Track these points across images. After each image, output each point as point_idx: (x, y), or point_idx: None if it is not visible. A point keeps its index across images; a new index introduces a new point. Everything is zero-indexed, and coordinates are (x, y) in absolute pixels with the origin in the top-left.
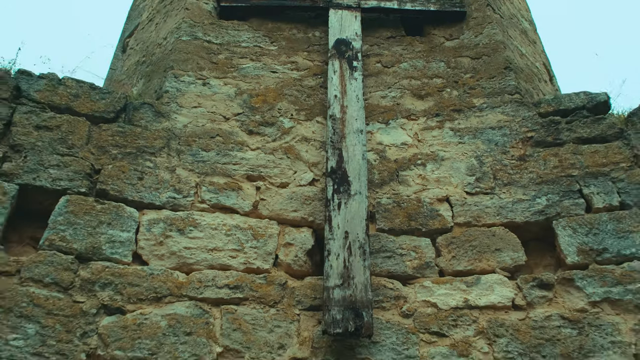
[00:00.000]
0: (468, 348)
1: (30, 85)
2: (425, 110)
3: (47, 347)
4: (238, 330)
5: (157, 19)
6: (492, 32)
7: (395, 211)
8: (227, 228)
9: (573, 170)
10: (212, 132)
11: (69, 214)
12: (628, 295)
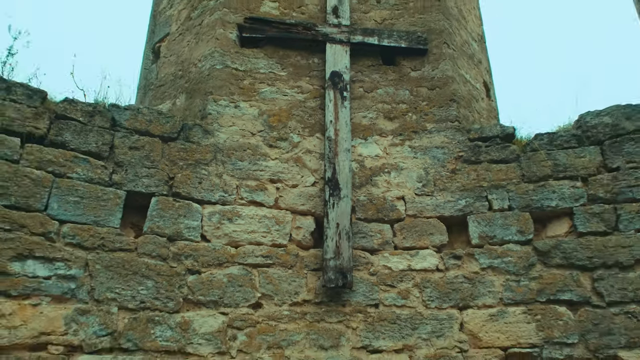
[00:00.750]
0: (408, 294)
1: (120, 116)
2: (393, 130)
3: (160, 294)
4: (270, 283)
5: (188, 37)
6: (444, 68)
7: (369, 206)
8: (258, 217)
9: (484, 182)
10: (244, 145)
11: (159, 209)
12: (502, 264)
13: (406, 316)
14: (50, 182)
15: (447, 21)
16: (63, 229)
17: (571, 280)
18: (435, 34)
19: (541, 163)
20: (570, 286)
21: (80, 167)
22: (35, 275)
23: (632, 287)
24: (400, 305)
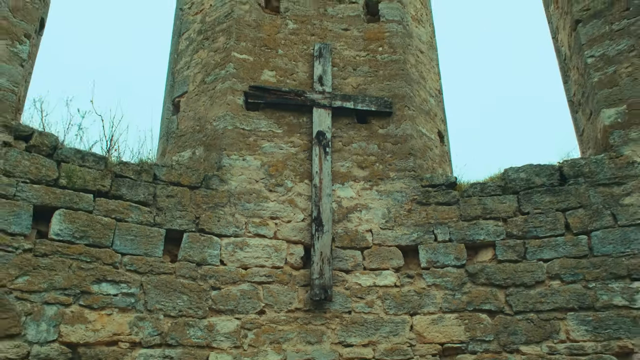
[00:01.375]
0: (373, 304)
1: (159, 172)
2: (364, 177)
3: (192, 305)
4: (271, 296)
5: (204, 98)
6: (405, 127)
7: (344, 237)
8: (262, 246)
9: (432, 220)
10: (250, 190)
11: (189, 242)
12: (442, 282)
13: (371, 320)
14: (114, 226)
15: (409, 86)
16: (124, 260)
17: (491, 295)
18: (398, 98)
19: (474, 206)
20: (490, 299)
21: (134, 213)
22: (108, 293)
23: (532, 300)
24: (367, 312)
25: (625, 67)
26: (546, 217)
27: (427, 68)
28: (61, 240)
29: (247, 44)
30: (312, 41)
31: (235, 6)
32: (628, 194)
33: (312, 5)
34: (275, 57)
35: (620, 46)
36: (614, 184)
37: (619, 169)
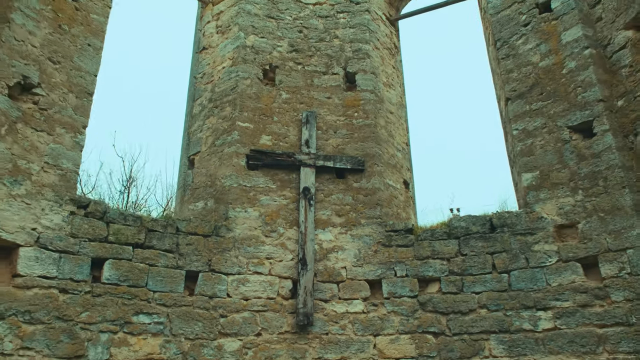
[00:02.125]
0: (345, 327)
1: (181, 225)
2: (340, 223)
3: (206, 330)
4: (266, 321)
5: (214, 159)
6: (374, 182)
7: (324, 273)
8: (259, 281)
9: (392, 259)
10: (250, 237)
11: (204, 280)
12: (399, 310)
13: (344, 340)
14: (147, 270)
15: (378, 146)
16: (155, 296)
17: (435, 320)
18: (369, 157)
19: (425, 248)
20: (435, 324)
21: (162, 259)
22: (143, 322)
23: (465, 325)
24: (341, 334)
25: (539, 140)
26: (479, 258)
27: (396, 126)
28: (110, 283)
29: (249, 114)
30: (301, 109)
31: (239, 81)
32: (537, 242)
33: (302, 77)
34: (271, 123)
35: (536, 123)
36: (528, 234)
37: (531, 222)
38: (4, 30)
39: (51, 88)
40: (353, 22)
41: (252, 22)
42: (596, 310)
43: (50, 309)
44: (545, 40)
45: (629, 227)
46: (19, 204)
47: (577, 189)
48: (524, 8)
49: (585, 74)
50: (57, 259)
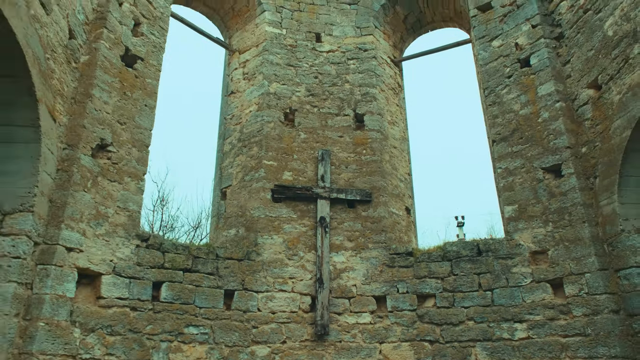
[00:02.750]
0: (355, 336)
1: (219, 251)
2: (351, 247)
3: (241, 338)
4: (289, 331)
5: (244, 192)
6: (379, 211)
7: (338, 290)
8: (284, 298)
9: (395, 278)
10: (276, 260)
11: (239, 297)
12: (401, 321)
13: (354, 346)
14: (195, 290)
15: (383, 179)
16: (200, 311)
17: (431, 330)
18: (375, 189)
19: (423, 269)
20: (430, 333)
21: (205, 281)
22: (193, 333)
23: (456, 334)
24: (352, 341)
25: (518, 178)
26: (467, 278)
27: (399, 159)
28: (166, 301)
29: (273, 153)
30: (317, 147)
31: (264, 124)
32: (515, 265)
33: (317, 119)
34: (291, 160)
35: (516, 163)
36: (508, 258)
37: (511, 248)
38: (87, 104)
39: (120, 145)
40: (362, 68)
41: (275, 71)
42: (561, 323)
43: (124, 323)
44: (524, 92)
45: (587, 255)
46: (100, 242)
47: (548, 221)
48: (508, 62)
49: (556, 124)
50: (128, 283)
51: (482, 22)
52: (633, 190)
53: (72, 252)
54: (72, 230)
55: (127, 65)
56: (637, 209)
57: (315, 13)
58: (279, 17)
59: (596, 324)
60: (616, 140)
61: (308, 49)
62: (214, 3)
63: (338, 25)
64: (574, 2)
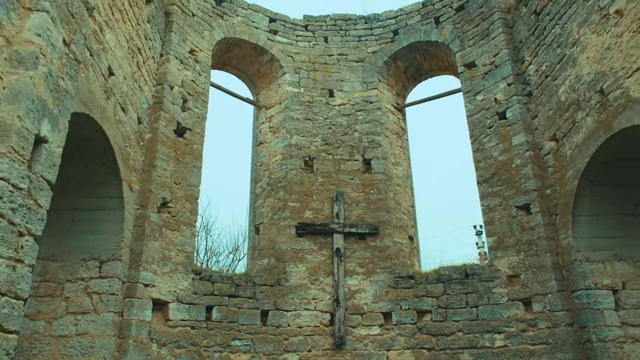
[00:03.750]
0: (367, 345)
1: (255, 280)
2: (362, 272)
3: (275, 349)
4: (314, 342)
5: (273, 229)
6: (385, 241)
7: (352, 307)
8: (308, 315)
9: (399, 298)
10: (300, 285)
11: (272, 315)
12: (404, 333)
13: (366, 353)
14: (237, 311)
15: (388, 214)
16: (243, 327)
17: (428, 340)
18: (382, 223)
19: (421, 289)
20: (428, 342)
21: (246, 304)
22: (238, 345)
23: (448, 343)
24: (364, 349)
25: (497, 215)
26: (457, 297)
27: (402, 195)
28: (217, 321)
29: (295, 195)
30: (332, 189)
31: (288, 172)
32: (495, 286)
33: (332, 164)
34: (311, 201)
35: (495, 202)
36: (489, 281)
37: (492, 273)
38: (152, 173)
39: (176, 201)
40: (368, 118)
41: (295, 125)
42: (530, 334)
43: (187, 339)
44: (502, 141)
45: (549, 279)
46: (166, 278)
47: (520, 251)
48: (488, 114)
49: (526, 170)
50: (187, 308)
51: (467, 78)
52: (583, 227)
53: (147, 287)
54: (147, 270)
55: (178, 136)
56: (587, 242)
57: (328, 72)
58: (297, 77)
59: (555, 335)
60: (569, 187)
61: (322, 104)
62: (243, 67)
63: (347, 81)
64: (538, 67)
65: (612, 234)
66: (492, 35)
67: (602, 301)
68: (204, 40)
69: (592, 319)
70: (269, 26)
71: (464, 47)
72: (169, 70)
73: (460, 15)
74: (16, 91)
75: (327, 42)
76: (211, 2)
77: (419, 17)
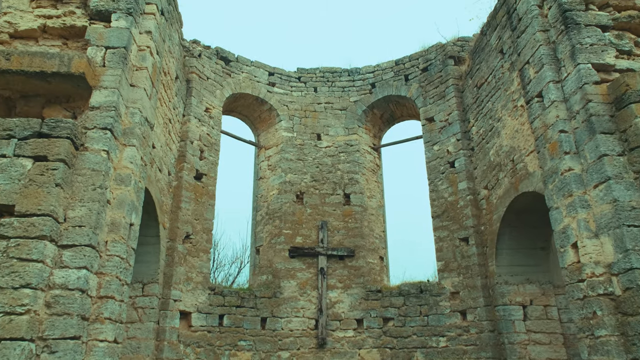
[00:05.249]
0: (343, 344)
1: (257, 293)
2: (341, 287)
3: (272, 347)
4: (302, 342)
5: (270, 251)
6: (360, 262)
7: (332, 315)
8: (298, 321)
9: (369, 307)
10: (292, 297)
11: (269, 321)
12: (372, 335)
13: (343, 351)
14: (242, 318)
15: (363, 240)
16: (247, 331)
17: (391, 341)
18: (357, 247)
19: (387, 301)
20: (390, 343)
21: (249, 312)
22: (242, 345)
23: (405, 344)
24: (341, 348)
25: (445, 244)
26: (414, 307)
27: (375, 223)
28: (227, 326)
29: (289, 224)
30: (318, 219)
31: (283, 204)
32: (441, 300)
33: (318, 198)
34: (301, 229)
35: (444, 234)
36: (437, 296)
37: (439, 289)
38: (178, 213)
39: (196, 233)
40: (349, 159)
41: (289, 165)
42: (464, 337)
43: (205, 340)
44: (451, 185)
45: (479, 296)
46: (190, 294)
47: (460, 274)
48: (442, 162)
49: (467, 210)
50: (205, 317)
51: (428, 130)
52: (504, 258)
53: (176, 302)
54: (176, 289)
55: (197, 180)
56: (506, 269)
57: (316, 118)
58: (291, 123)
59: (481, 339)
60: (494, 227)
61: (312, 146)
62: (247, 113)
63: (333, 127)
64: (478, 129)
65: (525, 263)
66: (447, 97)
67: (514, 314)
68: (216, 98)
69: (506, 327)
70: (268, 79)
71: (426, 104)
72: (190, 128)
73: (424, 76)
74: (120, 200)
75: (317, 91)
76: (221, 63)
77: (392, 74)
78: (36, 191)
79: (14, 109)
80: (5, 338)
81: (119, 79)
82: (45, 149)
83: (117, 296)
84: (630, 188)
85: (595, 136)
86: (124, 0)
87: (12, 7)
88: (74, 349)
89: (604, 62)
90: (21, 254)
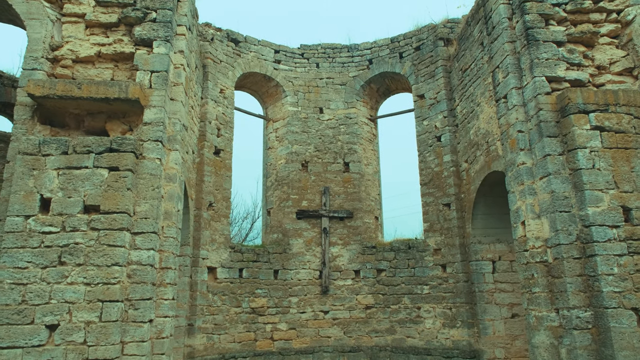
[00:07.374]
0: (343, 291)
1: (269, 249)
2: (341, 243)
3: (284, 294)
4: (308, 290)
5: (280, 213)
6: (357, 222)
7: (334, 267)
8: (305, 272)
9: (365, 260)
10: (300, 252)
11: (281, 273)
12: (367, 283)
13: (342, 297)
14: (258, 271)
15: (360, 203)
16: (262, 281)
17: (383, 288)
18: (355, 209)
19: (380, 255)
20: (383, 290)
21: (264, 265)
22: (259, 292)
23: (395, 290)
24: (341, 294)
25: (430, 208)
26: (402, 261)
27: (372, 187)
28: (245, 278)
29: (295, 190)
30: (321, 185)
31: (290, 172)
32: (426, 256)
33: (321, 166)
34: (306, 194)
35: (430, 199)
36: (423, 251)
37: (425, 246)
38: (202, 185)
39: (217, 201)
40: (348, 130)
41: (294, 137)
42: (444, 286)
43: (228, 290)
44: (437, 157)
45: (456, 253)
46: (214, 253)
47: (442, 234)
48: (430, 136)
49: (449, 180)
50: (228, 270)
51: (418, 107)
52: (479, 221)
53: (204, 259)
54: (203, 249)
55: (215, 155)
56: (480, 231)
57: (319, 93)
58: (296, 98)
59: (457, 287)
60: (471, 196)
61: (315, 119)
62: (256, 88)
63: (334, 101)
64: (462, 109)
65: (496, 226)
66: (436, 77)
67: (485, 268)
68: (228, 79)
69: (478, 279)
70: (274, 57)
71: (417, 82)
72: (208, 110)
73: (417, 55)
74: (170, 194)
75: (319, 67)
76: (232, 45)
77: (388, 51)
78: (114, 194)
79: (83, 122)
80: (106, 300)
81: (164, 98)
82: (117, 161)
83: (173, 266)
84: (565, 182)
85: (542, 139)
86: (162, 29)
87: (72, 37)
88: (149, 306)
89: (556, 75)
90: (109, 241)
